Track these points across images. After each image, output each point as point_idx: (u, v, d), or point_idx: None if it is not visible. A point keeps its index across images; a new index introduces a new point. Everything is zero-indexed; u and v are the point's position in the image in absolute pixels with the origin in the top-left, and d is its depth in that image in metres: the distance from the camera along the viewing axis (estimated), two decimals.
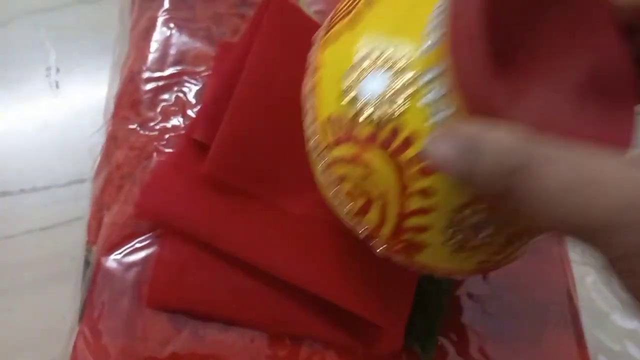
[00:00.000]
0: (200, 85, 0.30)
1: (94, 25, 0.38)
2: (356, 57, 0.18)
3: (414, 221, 0.18)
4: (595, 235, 0.12)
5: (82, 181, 0.33)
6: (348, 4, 0.20)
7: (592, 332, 0.32)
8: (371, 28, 0.18)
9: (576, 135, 0.16)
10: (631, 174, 0.12)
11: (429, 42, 0.17)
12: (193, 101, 0.30)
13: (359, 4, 0.19)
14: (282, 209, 0.27)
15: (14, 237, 0.32)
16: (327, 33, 0.20)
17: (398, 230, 0.18)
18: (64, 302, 0.29)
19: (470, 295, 0.31)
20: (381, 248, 0.20)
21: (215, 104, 0.27)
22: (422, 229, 0.18)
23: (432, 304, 0.29)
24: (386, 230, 0.19)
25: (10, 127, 0.35)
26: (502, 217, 0.18)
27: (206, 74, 0.30)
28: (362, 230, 0.20)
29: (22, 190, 0.33)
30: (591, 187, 0.12)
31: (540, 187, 0.13)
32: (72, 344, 0.26)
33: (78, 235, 0.31)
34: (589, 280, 0.35)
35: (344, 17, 0.19)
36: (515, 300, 0.31)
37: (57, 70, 0.37)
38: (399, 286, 0.26)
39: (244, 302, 0.25)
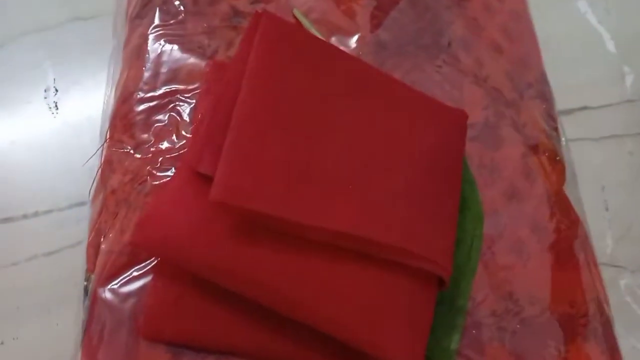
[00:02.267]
0: (194, 104, 0.29)
1: (91, 42, 0.37)
2: None
3: None
4: None
5: (83, 204, 0.33)
6: None
7: (628, 340, 0.30)
8: None
9: None
10: None
11: None
12: (187, 120, 0.29)
13: None
14: (301, 238, 0.23)
15: (18, 264, 0.32)
16: None
17: None
18: (69, 328, 0.29)
19: (488, 312, 0.29)
20: None
21: (217, 132, 0.24)
22: None
23: (446, 324, 0.28)
24: None
25: (11, 151, 0.34)
26: None
27: (199, 91, 0.29)
28: None
29: (24, 216, 0.33)
30: None
31: None
32: None
33: (81, 259, 0.30)
34: (623, 283, 0.33)
35: None
36: (537, 314, 0.30)
37: (56, 90, 0.37)
38: (417, 322, 0.25)
39: (242, 332, 0.24)
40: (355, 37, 0.34)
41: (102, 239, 0.27)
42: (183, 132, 0.29)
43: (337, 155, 0.24)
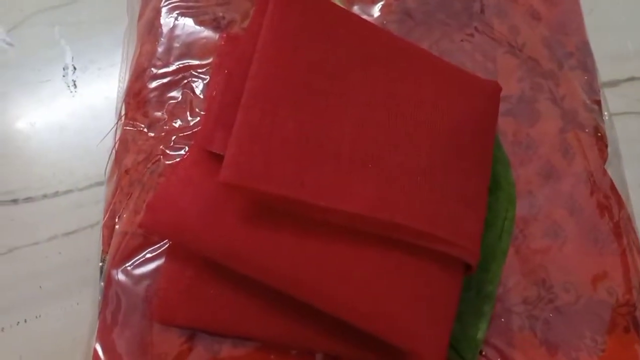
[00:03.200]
0: (208, 80, 0.28)
1: (105, 19, 0.37)
2: None
3: None
4: None
5: (102, 183, 0.32)
6: None
7: None
8: None
9: None
10: None
11: None
12: (201, 96, 0.28)
13: None
14: (316, 221, 0.22)
15: (39, 244, 0.32)
16: None
17: None
18: (90, 308, 0.29)
19: (519, 299, 0.27)
20: None
21: (230, 109, 0.23)
22: None
23: (472, 311, 0.26)
24: None
25: (31, 131, 0.34)
26: None
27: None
28: None
29: (44, 196, 0.33)
30: None
31: None
32: (89, 357, 0.25)
33: (100, 238, 0.30)
34: None
35: None
36: (572, 302, 0.28)
37: (74, 68, 0.36)
38: (441, 309, 0.23)
39: (257, 316, 0.24)
40: (379, 5, 0.32)
41: (116, 220, 0.27)
42: (196, 109, 0.28)
43: (355, 132, 0.23)
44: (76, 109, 0.35)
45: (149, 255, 0.25)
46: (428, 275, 0.23)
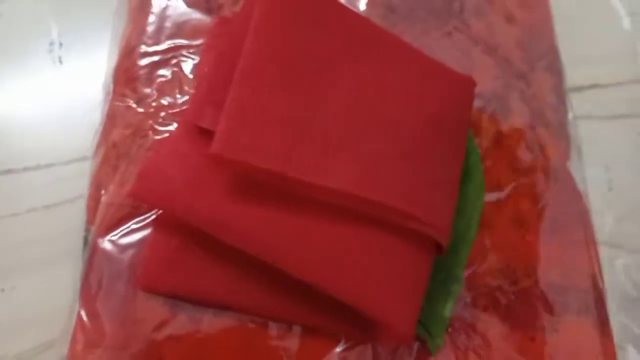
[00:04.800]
0: (198, 60, 0.29)
1: None
2: None
3: None
4: None
5: (85, 159, 0.33)
6: None
7: (619, 318, 0.31)
8: None
9: None
10: None
11: None
12: (190, 76, 0.29)
13: None
14: (300, 196, 0.23)
15: (18, 215, 0.32)
16: None
17: None
18: (68, 280, 0.29)
19: (485, 282, 0.29)
20: None
21: (221, 87, 0.24)
22: None
23: (441, 291, 0.28)
24: None
25: (14, 104, 0.34)
26: None
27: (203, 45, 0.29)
28: None
29: (25, 168, 0.33)
30: None
31: None
32: (72, 324, 0.26)
33: (82, 213, 0.30)
34: (619, 263, 0.33)
35: None
36: (532, 286, 0.30)
37: (60, 45, 0.36)
38: (412, 284, 0.25)
39: (239, 288, 0.25)
40: None
41: (102, 192, 0.27)
42: (186, 88, 0.28)
43: (340, 114, 0.24)
44: (61, 84, 0.35)
45: (134, 226, 0.26)
46: (402, 251, 0.24)
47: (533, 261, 0.30)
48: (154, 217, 0.26)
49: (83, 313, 0.25)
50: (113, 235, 0.26)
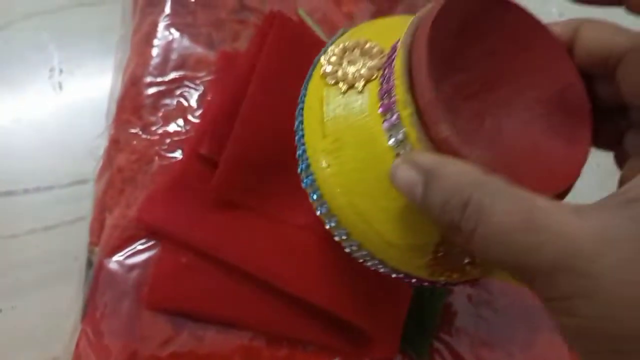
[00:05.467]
0: (201, 91, 0.31)
1: (96, 28, 0.38)
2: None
3: None
4: (537, 276, 0.13)
5: (84, 182, 0.34)
6: None
7: None
8: None
9: (536, 155, 0.16)
10: (575, 223, 0.13)
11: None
12: (194, 106, 0.30)
13: None
14: (284, 221, 0.28)
15: (18, 237, 0.32)
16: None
17: None
18: (66, 301, 0.30)
19: (465, 299, 0.31)
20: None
21: (221, 120, 0.28)
22: None
23: (426, 309, 0.30)
24: None
25: (14, 128, 0.35)
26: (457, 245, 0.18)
27: (207, 79, 0.31)
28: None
29: (25, 190, 0.34)
30: (538, 232, 0.13)
31: (489, 224, 0.13)
32: (74, 343, 0.27)
33: (80, 235, 0.31)
34: None
35: None
36: (508, 305, 0.32)
37: (61, 71, 0.37)
38: (394, 296, 0.27)
39: (242, 306, 0.26)
40: None
41: (107, 214, 0.28)
42: (189, 117, 0.30)
43: None
44: (61, 110, 0.36)
45: (139, 247, 0.27)
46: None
47: (509, 281, 0.33)
48: (160, 237, 0.27)
49: (88, 331, 0.25)
50: (119, 256, 0.27)
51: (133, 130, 0.30)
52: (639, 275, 0.12)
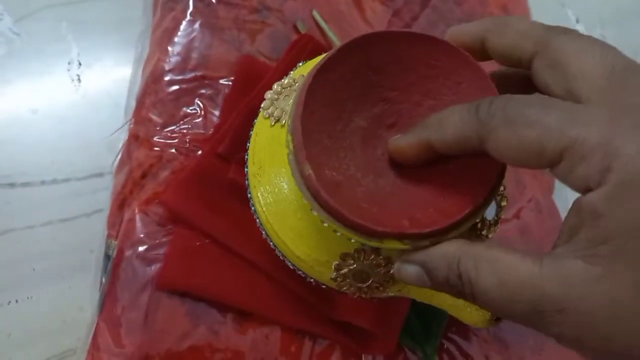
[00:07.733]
0: (221, 91, 0.31)
1: (115, 21, 0.38)
2: None
3: None
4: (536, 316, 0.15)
5: (100, 175, 0.34)
6: None
7: None
8: None
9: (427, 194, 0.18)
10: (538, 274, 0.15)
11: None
12: (214, 105, 0.31)
13: None
14: None
15: (34, 228, 0.33)
16: None
17: None
18: (81, 293, 0.30)
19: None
20: None
21: (242, 122, 0.29)
22: None
23: (434, 308, 0.30)
24: None
25: (31, 118, 0.35)
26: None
27: (226, 79, 0.31)
28: None
29: (42, 182, 0.34)
30: (521, 288, 0.15)
31: (481, 286, 0.16)
32: (92, 335, 0.27)
33: (96, 227, 0.32)
34: None
35: None
36: None
37: (79, 64, 0.38)
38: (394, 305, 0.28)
39: (251, 291, 0.27)
40: None
41: (126, 208, 0.28)
42: (209, 116, 0.30)
43: None
44: (78, 102, 0.36)
45: (158, 241, 0.27)
46: None
47: None
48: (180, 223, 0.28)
49: (105, 324, 0.26)
50: (138, 250, 0.27)
51: (153, 127, 0.30)
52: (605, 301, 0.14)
